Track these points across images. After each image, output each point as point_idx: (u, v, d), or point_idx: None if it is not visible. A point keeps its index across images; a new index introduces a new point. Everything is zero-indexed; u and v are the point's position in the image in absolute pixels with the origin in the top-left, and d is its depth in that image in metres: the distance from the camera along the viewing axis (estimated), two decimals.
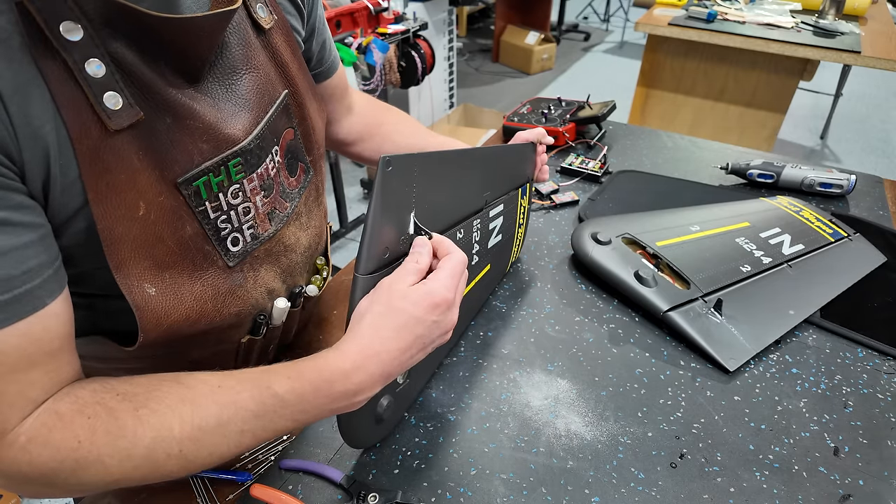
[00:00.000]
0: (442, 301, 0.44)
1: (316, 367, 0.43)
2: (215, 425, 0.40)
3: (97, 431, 0.38)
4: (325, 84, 0.73)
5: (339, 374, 0.42)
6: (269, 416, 0.41)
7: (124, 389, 0.40)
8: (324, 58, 0.70)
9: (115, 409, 0.39)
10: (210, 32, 0.44)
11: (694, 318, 0.71)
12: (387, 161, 0.45)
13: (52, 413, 0.38)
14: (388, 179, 0.45)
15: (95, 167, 0.39)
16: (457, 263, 0.47)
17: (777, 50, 1.93)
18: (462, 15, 5.06)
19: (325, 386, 0.42)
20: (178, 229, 0.46)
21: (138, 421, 0.38)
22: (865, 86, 4.11)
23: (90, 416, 0.38)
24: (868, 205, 1.01)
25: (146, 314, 0.46)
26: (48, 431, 0.37)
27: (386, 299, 0.44)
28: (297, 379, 0.42)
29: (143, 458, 0.38)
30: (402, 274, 0.45)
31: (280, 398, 0.41)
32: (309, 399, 0.42)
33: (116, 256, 0.42)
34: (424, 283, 0.45)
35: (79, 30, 0.37)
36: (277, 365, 0.44)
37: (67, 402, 0.39)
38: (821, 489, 0.55)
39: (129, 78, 0.40)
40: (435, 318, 0.44)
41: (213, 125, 0.46)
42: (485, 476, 0.55)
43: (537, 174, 0.83)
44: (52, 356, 0.39)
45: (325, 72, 0.72)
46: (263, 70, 0.52)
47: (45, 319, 0.38)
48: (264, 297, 0.57)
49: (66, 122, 0.38)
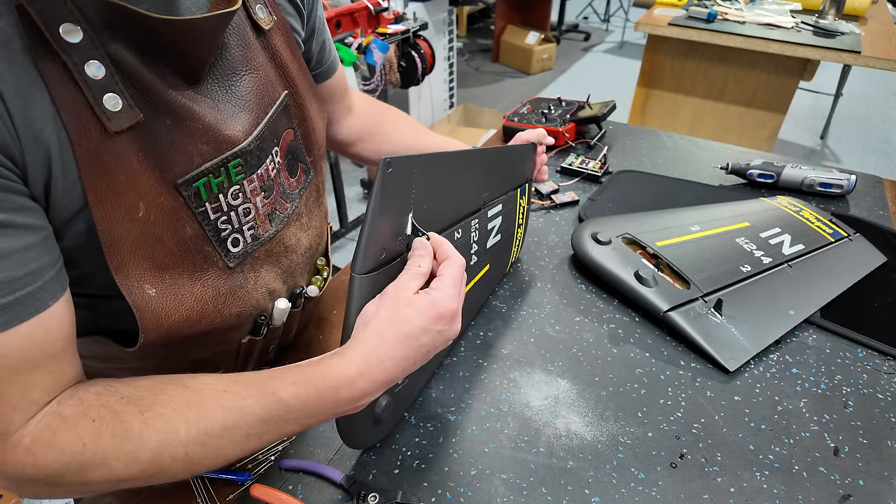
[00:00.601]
0: (447, 312, 0.44)
1: (321, 374, 0.43)
2: (221, 429, 0.40)
3: (103, 434, 0.38)
4: (325, 84, 0.73)
5: (344, 381, 0.42)
6: (275, 420, 0.42)
7: (129, 392, 0.40)
8: (324, 58, 0.70)
9: (120, 411, 0.39)
10: (210, 34, 0.44)
11: (694, 318, 0.71)
12: (387, 163, 0.45)
13: (56, 416, 0.38)
14: (388, 181, 0.45)
15: (95, 169, 0.39)
16: (457, 270, 0.47)
17: (777, 50, 1.93)
18: (462, 15, 5.06)
19: (329, 392, 0.42)
20: (178, 230, 0.46)
21: (144, 424, 0.39)
22: (865, 86, 4.11)
23: (95, 418, 0.38)
24: (868, 205, 1.01)
25: (146, 315, 0.46)
26: (52, 434, 0.37)
27: (391, 305, 0.44)
28: (302, 385, 0.42)
29: (148, 461, 0.39)
30: (405, 280, 0.45)
31: (285, 404, 0.42)
32: (313, 405, 0.42)
33: (116, 258, 0.42)
34: (429, 292, 0.45)
35: (78, 32, 0.37)
36: (281, 369, 0.44)
37: (71, 405, 0.39)
38: (821, 489, 0.55)
39: (129, 79, 0.40)
40: (440, 329, 0.45)
41: (212, 126, 0.46)
42: (485, 476, 0.55)
43: (536, 174, 0.83)
44: (54, 358, 0.39)
45: (324, 72, 0.72)
46: (263, 71, 0.52)
47: (48, 321, 0.38)
48: (265, 297, 0.57)
49: (66, 124, 0.38)
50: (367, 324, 0.44)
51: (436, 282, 0.46)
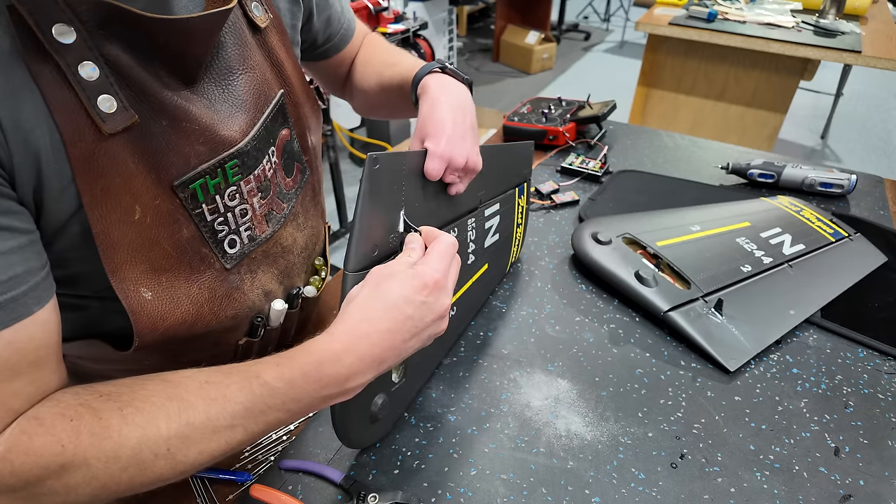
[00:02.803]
0: (431, 282, 0.43)
1: (305, 351, 0.41)
2: (204, 420, 0.38)
3: (81, 433, 0.36)
4: (342, 55, 0.72)
5: (328, 355, 0.40)
6: (259, 407, 0.40)
7: (108, 390, 0.39)
8: (331, 34, 0.69)
9: (99, 409, 0.37)
10: (205, 33, 0.44)
11: (694, 318, 0.71)
12: (374, 159, 0.45)
13: (31, 419, 0.37)
14: (376, 177, 0.45)
15: (90, 172, 0.39)
16: (446, 246, 0.46)
17: (777, 50, 1.93)
18: (462, 14, 5.05)
19: (314, 370, 0.40)
20: (174, 232, 0.46)
21: (123, 420, 0.37)
22: (866, 85, 4.10)
23: (73, 417, 0.37)
24: (869, 205, 1.01)
25: (142, 318, 0.45)
26: (29, 439, 0.36)
27: (375, 281, 0.43)
28: (285, 365, 0.40)
29: (130, 458, 0.37)
30: (391, 263, 0.45)
31: (269, 386, 0.40)
32: (299, 384, 0.40)
33: (112, 261, 0.42)
34: (412, 265, 0.44)
35: (72, 32, 0.36)
36: (266, 357, 0.42)
37: (48, 406, 0.37)
38: (821, 489, 0.54)
39: (124, 80, 0.40)
40: (423, 299, 0.43)
41: (209, 127, 0.46)
42: (485, 476, 0.55)
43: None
44: (36, 366, 0.38)
45: (335, 45, 0.71)
46: (259, 70, 0.52)
47: (31, 328, 0.37)
48: (261, 298, 0.57)
49: (59, 126, 0.37)
50: (350, 301, 0.43)
51: (421, 258, 0.45)
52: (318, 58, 0.71)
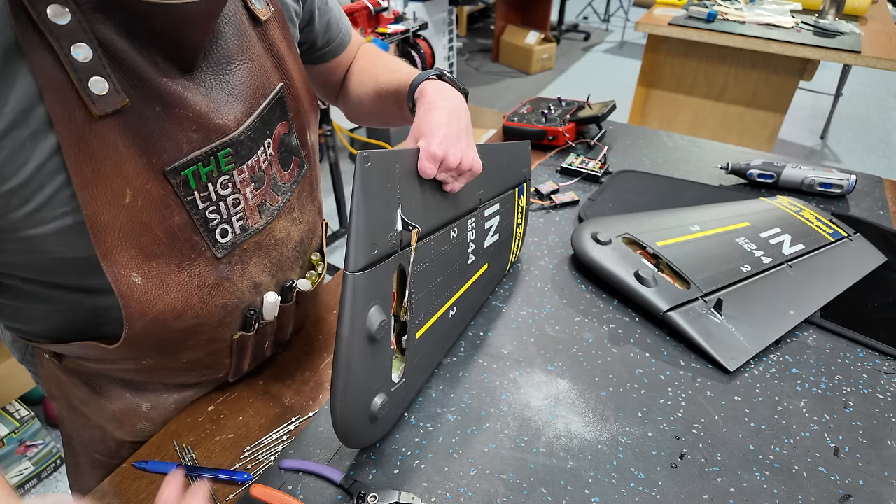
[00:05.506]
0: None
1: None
2: None
3: None
4: (338, 59, 0.73)
5: None
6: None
7: None
8: (331, 37, 0.70)
9: None
10: (202, 19, 0.44)
11: (694, 318, 0.71)
12: (364, 157, 0.45)
13: None
14: (368, 175, 0.45)
15: (80, 153, 0.39)
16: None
17: (777, 50, 1.93)
18: (462, 15, 5.05)
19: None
20: (166, 218, 0.46)
21: None
22: (866, 86, 4.11)
23: None
24: (868, 205, 1.01)
25: (131, 303, 0.46)
26: None
27: None
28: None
29: None
30: None
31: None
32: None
33: (103, 244, 0.42)
34: None
35: (67, 14, 0.36)
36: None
37: None
38: (821, 489, 0.54)
39: (118, 64, 0.40)
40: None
41: (203, 114, 0.46)
42: (485, 476, 0.55)
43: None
44: None
45: (334, 49, 0.72)
46: (258, 62, 0.52)
47: None
48: (250, 290, 0.57)
49: (48, 106, 0.37)
50: None
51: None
52: (315, 61, 0.73)
